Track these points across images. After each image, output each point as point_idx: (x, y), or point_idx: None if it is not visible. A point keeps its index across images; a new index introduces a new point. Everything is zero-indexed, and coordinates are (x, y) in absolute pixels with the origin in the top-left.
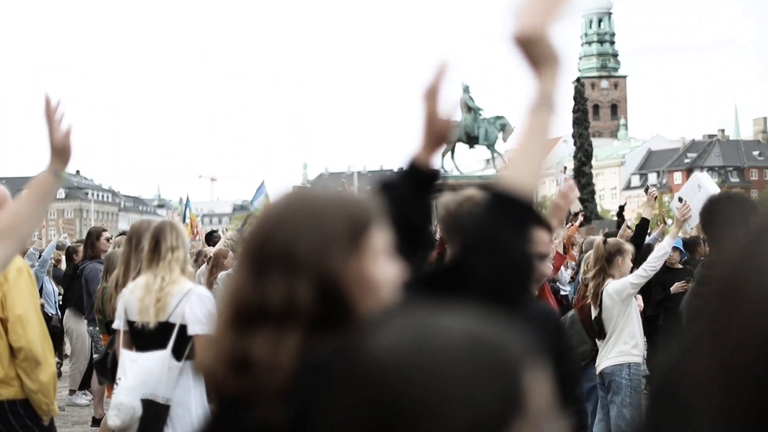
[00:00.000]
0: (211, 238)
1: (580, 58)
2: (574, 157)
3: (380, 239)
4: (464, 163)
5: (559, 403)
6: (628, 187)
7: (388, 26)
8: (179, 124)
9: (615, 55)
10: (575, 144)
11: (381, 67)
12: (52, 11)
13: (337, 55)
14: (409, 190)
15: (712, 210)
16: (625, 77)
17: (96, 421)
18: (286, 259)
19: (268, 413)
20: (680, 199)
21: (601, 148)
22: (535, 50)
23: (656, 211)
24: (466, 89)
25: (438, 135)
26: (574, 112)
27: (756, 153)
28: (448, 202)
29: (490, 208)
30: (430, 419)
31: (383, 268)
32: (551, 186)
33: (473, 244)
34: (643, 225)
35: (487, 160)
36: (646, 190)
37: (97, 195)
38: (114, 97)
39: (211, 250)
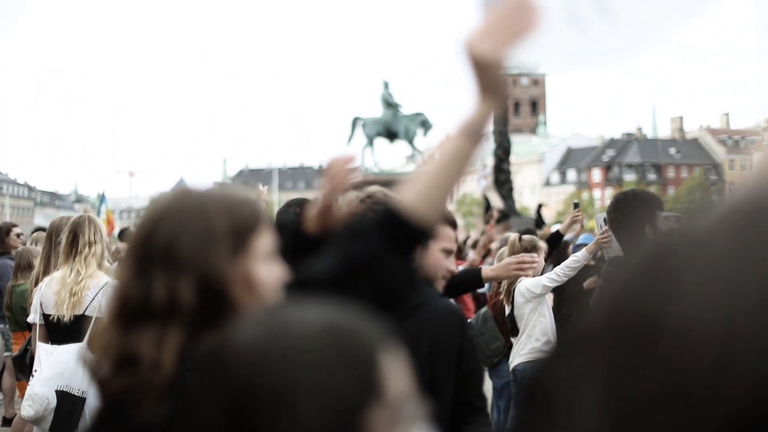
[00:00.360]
0: (124, 235)
1: None
2: (494, 154)
3: (264, 241)
4: (385, 159)
5: (463, 399)
6: (547, 183)
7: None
8: (179, 123)
9: None
10: (495, 141)
11: (309, 62)
12: (52, 11)
13: (264, 52)
14: (294, 244)
15: (618, 207)
16: (544, 75)
17: (7, 421)
18: (169, 257)
19: (150, 411)
20: (605, 220)
21: (520, 144)
22: (483, 75)
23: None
24: (386, 85)
25: (326, 223)
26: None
27: (673, 151)
28: (351, 200)
29: (381, 227)
30: (286, 408)
31: (266, 270)
32: (471, 183)
33: (354, 261)
34: (555, 239)
35: (408, 157)
36: (576, 206)
37: (12, 189)
38: (114, 98)
39: (124, 247)
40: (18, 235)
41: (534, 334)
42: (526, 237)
